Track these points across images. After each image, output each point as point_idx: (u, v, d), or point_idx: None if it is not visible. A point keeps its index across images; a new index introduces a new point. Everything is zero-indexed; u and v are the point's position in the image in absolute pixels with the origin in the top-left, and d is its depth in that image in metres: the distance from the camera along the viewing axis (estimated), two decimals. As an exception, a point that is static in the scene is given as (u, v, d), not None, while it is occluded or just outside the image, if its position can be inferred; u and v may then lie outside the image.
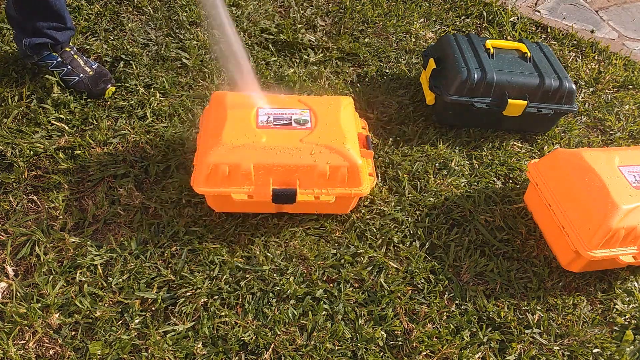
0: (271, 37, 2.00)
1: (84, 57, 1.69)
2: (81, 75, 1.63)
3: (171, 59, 1.83)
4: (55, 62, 1.63)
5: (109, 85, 1.66)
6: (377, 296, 1.27)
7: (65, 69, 1.63)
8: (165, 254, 1.29)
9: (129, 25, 1.94)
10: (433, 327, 1.23)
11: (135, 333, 1.15)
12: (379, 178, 1.55)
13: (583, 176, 1.32)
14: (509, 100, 1.62)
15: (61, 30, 1.59)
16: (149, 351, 1.12)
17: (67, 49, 1.66)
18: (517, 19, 2.34)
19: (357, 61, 1.98)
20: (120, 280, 1.23)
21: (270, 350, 1.15)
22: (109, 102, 1.65)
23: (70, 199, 1.38)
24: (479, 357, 1.19)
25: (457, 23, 2.26)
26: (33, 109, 1.58)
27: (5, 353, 1.08)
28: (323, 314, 1.22)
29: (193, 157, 1.35)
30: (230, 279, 1.26)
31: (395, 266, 1.34)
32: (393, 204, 1.48)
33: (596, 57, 2.19)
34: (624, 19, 2.55)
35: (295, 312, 1.21)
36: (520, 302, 1.30)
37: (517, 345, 1.21)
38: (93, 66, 1.68)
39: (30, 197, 1.37)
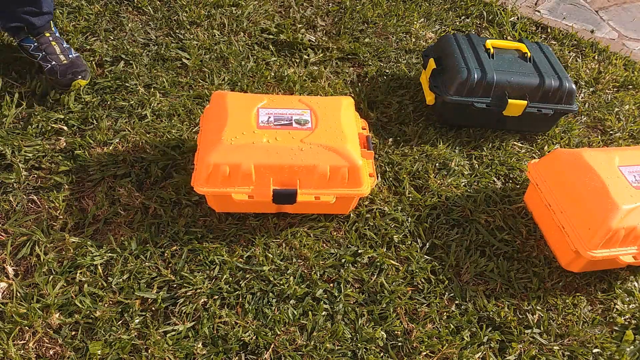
0: (271, 37, 2.00)
1: (63, 45, 1.66)
2: (53, 62, 1.61)
3: (171, 59, 1.83)
4: (32, 45, 1.63)
5: (79, 78, 1.61)
6: (377, 296, 1.27)
7: (40, 54, 1.63)
8: (165, 254, 1.29)
9: (129, 25, 1.94)
10: (433, 327, 1.23)
11: (135, 333, 1.15)
12: (379, 178, 1.55)
13: (583, 176, 1.32)
14: (509, 100, 1.62)
15: (37, 15, 1.60)
16: (149, 351, 1.12)
17: (47, 34, 1.64)
18: (517, 19, 2.34)
19: (357, 61, 1.98)
20: (120, 280, 1.23)
21: (270, 350, 1.15)
22: (109, 102, 1.65)
23: (70, 199, 1.38)
24: (479, 357, 1.19)
25: (457, 23, 2.26)
26: (33, 109, 1.58)
27: (5, 353, 1.08)
28: (323, 314, 1.22)
29: (193, 157, 1.35)
30: (230, 279, 1.26)
31: (395, 266, 1.34)
32: (393, 204, 1.48)
33: (596, 57, 2.19)
34: (624, 19, 2.55)
35: (295, 312, 1.21)
36: (520, 302, 1.30)
37: (517, 345, 1.21)
38: (70, 55, 1.65)
39: (30, 197, 1.37)
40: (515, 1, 2.49)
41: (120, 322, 1.16)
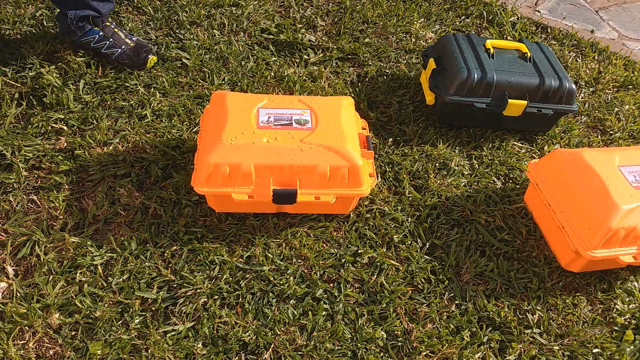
0: (271, 37, 2.00)
1: (124, 31, 1.77)
2: (123, 47, 1.71)
3: (171, 59, 1.83)
4: (97, 36, 1.70)
5: (150, 55, 1.74)
6: (377, 296, 1.27)
7: (107, 42, 1.71)
8: (165, 254, 1.29)
9: (129, 25, 1.94)
10: (433, 327, 1.23)
11: (135, 333, 1.15)
12: (379, 178, 1.55)
13: (583, 176, 1.32)
14: (509, 100, 1.62)
15: (104, 1, 1.67)
16: (149, 351, 1.12)
17: (108, 24, 1.73)
18: (517, 19, 2.34)
19: (357, 61, 1.98)
20: (120, 280, 1.23)
21: (270, 350, 1.15)
22: (109, 102, 1.65)
23: (70, 199, 1.38)
24: (479, 357, 1.19)
25: (457, 23, 2.26)
26: (33, 109, 1.58)
27: (5, 353, 1.08)
28: (323, 314, 1.22)
29: (193, 157, 1.34)
30: (230, 279, 1.26)
31: (395, 266, 1.34)
32: (393, 204, 1.48)
33: (596, 57, 2.19)
34: (624, 19, 2.55)
35: (295, 312, 1.21)
36: (520, 302, 1.30)
37: (517, 345, 1.21)
38: (133, 38, 1.76)
39: (30, 197, 1.37)
40: (515, 1, 2.49)
41: (120, 322, 1.16)
